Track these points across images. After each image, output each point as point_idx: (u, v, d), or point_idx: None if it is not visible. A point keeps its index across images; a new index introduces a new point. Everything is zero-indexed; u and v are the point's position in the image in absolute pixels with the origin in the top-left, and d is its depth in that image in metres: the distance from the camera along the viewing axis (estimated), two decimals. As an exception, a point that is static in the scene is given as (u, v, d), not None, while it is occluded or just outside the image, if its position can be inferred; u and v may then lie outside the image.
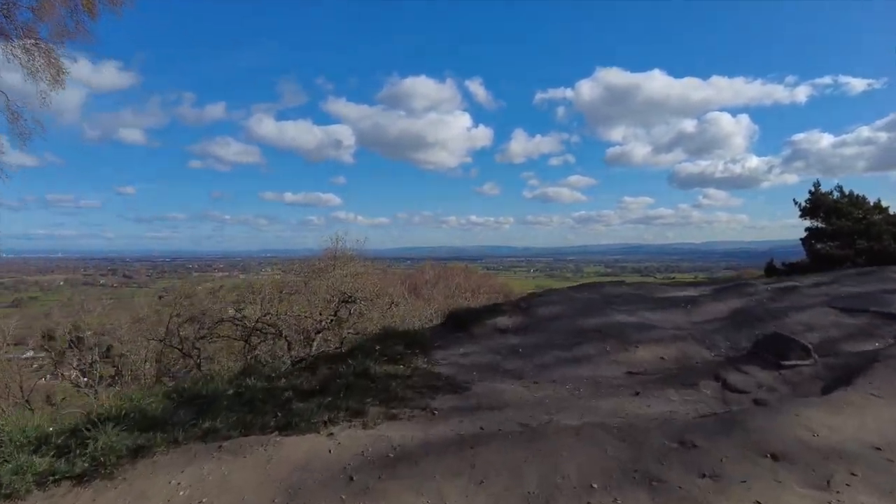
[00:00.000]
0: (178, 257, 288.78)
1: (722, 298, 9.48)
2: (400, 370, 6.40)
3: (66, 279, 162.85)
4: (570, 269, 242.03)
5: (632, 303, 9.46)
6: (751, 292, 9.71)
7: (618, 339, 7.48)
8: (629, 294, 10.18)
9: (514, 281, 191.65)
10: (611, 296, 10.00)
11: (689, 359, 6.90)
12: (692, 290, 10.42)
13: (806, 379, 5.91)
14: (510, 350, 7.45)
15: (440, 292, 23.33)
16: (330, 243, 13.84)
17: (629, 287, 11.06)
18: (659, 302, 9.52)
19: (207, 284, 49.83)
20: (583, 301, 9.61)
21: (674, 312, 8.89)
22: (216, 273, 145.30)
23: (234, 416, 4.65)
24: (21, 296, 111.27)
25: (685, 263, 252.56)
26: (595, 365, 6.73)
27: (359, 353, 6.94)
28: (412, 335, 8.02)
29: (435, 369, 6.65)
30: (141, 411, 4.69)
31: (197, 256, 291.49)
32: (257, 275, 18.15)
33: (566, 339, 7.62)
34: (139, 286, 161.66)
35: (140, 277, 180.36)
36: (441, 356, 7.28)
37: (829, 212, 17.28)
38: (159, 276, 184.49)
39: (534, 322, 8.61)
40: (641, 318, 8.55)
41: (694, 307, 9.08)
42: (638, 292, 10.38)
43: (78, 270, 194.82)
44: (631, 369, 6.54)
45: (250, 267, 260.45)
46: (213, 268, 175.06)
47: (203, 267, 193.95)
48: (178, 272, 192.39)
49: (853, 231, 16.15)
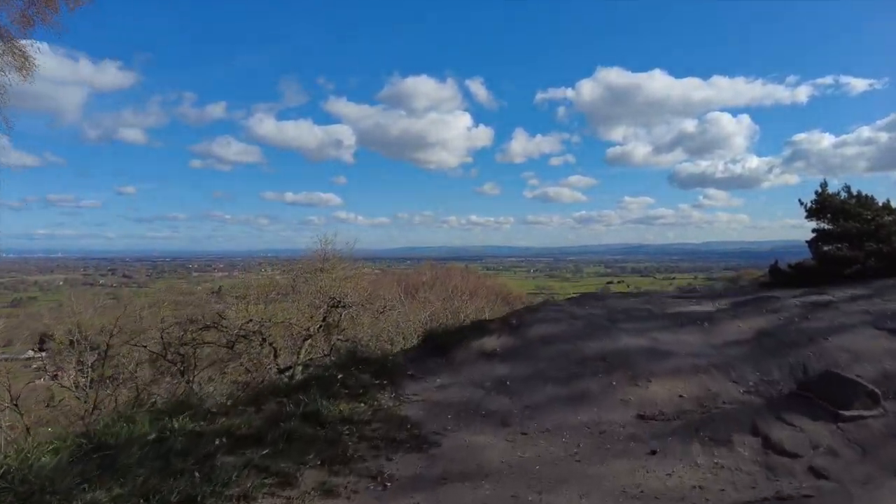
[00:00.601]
0: (179, 257, 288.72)
1: (743, 315, 8.24)
2: (359, 411, 5.34)
3: (65, 279, 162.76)
4: (570, 269, 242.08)
5: (640, 320, 8.24)
6: (776, 308, 8.42)
7: (625, 369, 6.27)
8: (636, 309, 8.93)
9: (514, 281, 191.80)
10: (615, 311, 8.75)
11: (715, 397, 5.69)
12: (708, 304, 9.16)
13: (877, 437, 4.59)
14: (496, 383, 6.26)
15: (437, 294, 22.72)
16: (320, 245, 13.21)
17: (636, 300, 9.79)
18: (671, 319, 8.28)
19: (207, 285, 49.38)
20: (583, 318, 8.33)
21: (689, 332, 7.68)
22: (216, 273, 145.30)
23: (135, 480, 3.72)
24: (20, 296, 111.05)
25: (685, 263, 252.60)
26: (598, 406, 5.51)
27: (315, 385, 5.83)
28: (382, 362, 6.91)
29: (401, 410, 5.56)
30: (27, 469, 3.68)
31: (197, 256, 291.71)
32: (257, 275, 17.62)
33: (563, 370, 6.43)
34: (139, 286, 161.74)
35: (140, 277, 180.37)
36: (413, 390, 6.19)
37: (836, 213, 16.71)
38: (159, 276, 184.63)
39: (525, 345, 7.40)
40: (652, 340, 7.33)
41: (712, 326, 7.86)
42: (646, 306, 9.10)
43: (78, 270, 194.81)
44: (643, 411, 5.40)
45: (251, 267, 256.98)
46: (214, 268, 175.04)
47: (203, 267, 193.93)
48: (179, 272, 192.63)
49: (862, 233, 15.60)
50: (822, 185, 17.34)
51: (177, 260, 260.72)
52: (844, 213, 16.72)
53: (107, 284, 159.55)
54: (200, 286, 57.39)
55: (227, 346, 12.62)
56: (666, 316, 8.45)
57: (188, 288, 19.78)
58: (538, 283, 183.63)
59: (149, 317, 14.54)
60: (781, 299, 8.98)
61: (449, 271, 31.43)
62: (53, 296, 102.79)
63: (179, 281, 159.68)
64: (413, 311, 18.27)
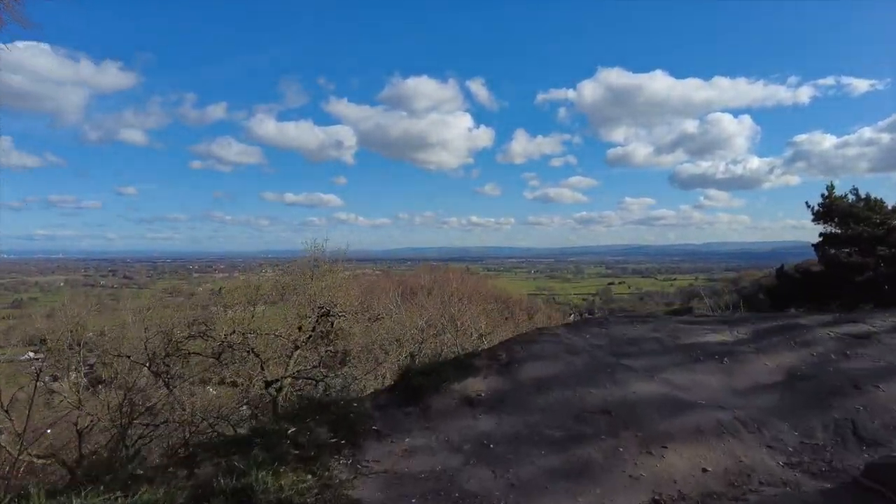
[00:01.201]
0: (179, 258, 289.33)
1: (768, 349, 7.14)
2: (302, 488, 4.14)
3: (66, 280, 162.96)
4: (571, 270, 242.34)
5: (649, 354, 7.14)
6: (806, 340, 7.32)
7: (635, 428, 5.18)
8: (644, 339, 7.76)
9: (514, 282, 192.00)
10: (620, 342, 7.63)
11: (748, 473, 4.50)
12: (724, 331, 8.01)
13: None
14: (477, 445, 5.10)
15: (435, 299, 22.24)
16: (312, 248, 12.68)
17: (643, 326, 8.44)
18: (684, 353, 7.16)
19: (207, 286, 48.78)
20: (583, 352, 7.14)
21: (707, 371, 6.64)
22: (217, 274, 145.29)
23: None
24: (21, 296, 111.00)
25: (686, 264, 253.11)
26: (602, 485, 4.36)
27: (260, 444, 4.80)
28: (344, 411, 5.77)
29: (353, 490, 4.32)
30: None
31: (198, 257, 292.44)
32: (258, 275, 17.10)
33: (560, 426, 5.32)
34: (139, 287, 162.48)
35: (140, 278, 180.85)
36: (375, 454, 5.00)
37: (844, 216, 16.24)
38: (159, 277, 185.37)
39: (515, 389, 6.26)
40: (665, 384, 6.28)
41: (733, 362, 6.76)
42: (654, 335, 7.94)
43: (78, 271, 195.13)
44: (658, 494, 4.26)
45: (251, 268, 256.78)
46: (214, 268, 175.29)
47: (204, 268, 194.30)
48: (179, 273, 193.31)
49: (872, 237, 15.15)
50: (828, 187, 16.86)
51: (177, 261, 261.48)
52: (853, 217, 16.24)
53: (107, 285, 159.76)
54: (201, 287, 56.89)
55: (214, 356, 12.14)
56: (678, 349, 7.34)
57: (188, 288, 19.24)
58: (539, 284, 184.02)
59: (139, 323, 14.09)
60: (811, 328, 7.78)
61: (447, 275, 30.99)
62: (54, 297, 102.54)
63: (180, 282, 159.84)
64: (410, 316, 17.78)
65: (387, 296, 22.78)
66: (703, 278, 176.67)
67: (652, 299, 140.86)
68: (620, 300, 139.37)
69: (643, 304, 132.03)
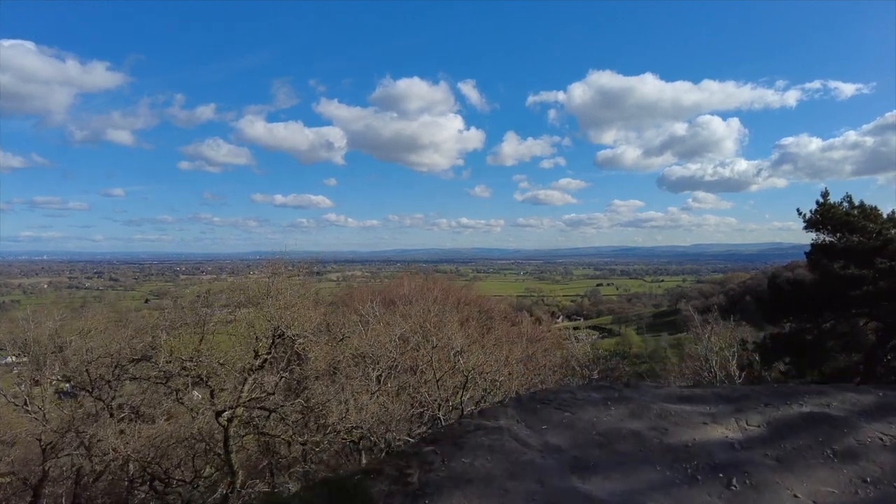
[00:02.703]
0: (167, 260, 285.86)
1: (794, 462, 5.10)
2: None
3: (50, 282, 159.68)
4: (560, 272, 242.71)
5: (625, 465, 5.08)
6: (851, 449, 5.22)
7: None
8: (621, 433, 5.62)
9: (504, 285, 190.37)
10: (588, 440, 5.50)
11: None
12: (729, 421, 5.93)
13: None
14: None
15: (416, 307, 21.16)
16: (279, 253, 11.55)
17: (618, 410, 6.09)
18: (675, 462, 5.16)
19: (194, 287, 47.46)
20: (530, 463, 5.06)
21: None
22: (204, 276, 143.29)
23: None
24: (3, 299, 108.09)
25: (674, 266, 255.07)
26: None
27: None
28: None
29: None
30: None
31: (185, 259, 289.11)
32: (246, 277, 15.90)
33: None
34: (125, 289, 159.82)
35: (127, 280, 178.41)
36: None
37: (838, 225, 15.50)
38: (146, 279, 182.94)
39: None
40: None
41: (744, 487, 4.72)
42: (635, 425, 5.81)
43: (63, 273, 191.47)
44: None
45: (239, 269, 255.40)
46: (202, 270, 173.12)
47: (192, 270, 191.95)
48: (166, 275, 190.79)
49: (868, 248, 14.40)
50: (823, 194, 16.08)
51: (165, 263, 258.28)
52: (848, 226, 15.46)
53: (92, 287, 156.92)
54: (188, 289, 55.61)
55: (162, 381, 11.01)
56: (665, 454, 5.28)
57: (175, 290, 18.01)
58: (528, 286, 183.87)
59: (82, 346, 12.89)
60: (851, 424, 5.69)
61: (430, 283, 29.95)
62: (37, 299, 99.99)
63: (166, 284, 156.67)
64: (386, 328, 16.68)
65: (364, 306, 21.71)
66: (691, 280, 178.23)
67: (640, 301, 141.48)
68: (609, 301, 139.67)
69: (631, 305, 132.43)
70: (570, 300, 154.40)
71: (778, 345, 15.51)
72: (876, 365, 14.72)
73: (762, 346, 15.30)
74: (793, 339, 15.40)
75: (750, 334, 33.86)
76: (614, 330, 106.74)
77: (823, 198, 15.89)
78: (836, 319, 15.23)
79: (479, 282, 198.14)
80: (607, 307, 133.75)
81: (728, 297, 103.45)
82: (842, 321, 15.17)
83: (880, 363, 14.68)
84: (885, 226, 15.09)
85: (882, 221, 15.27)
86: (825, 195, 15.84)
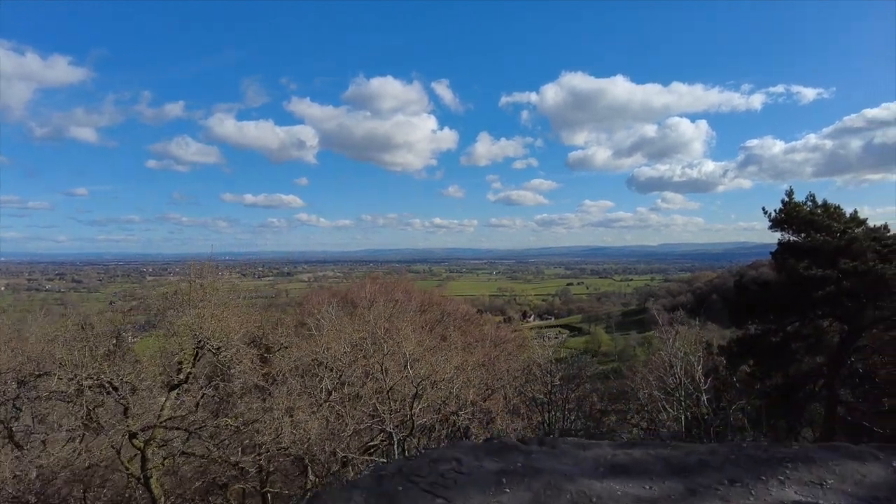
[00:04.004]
0: (133, 261, 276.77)
1: None
2: None
3: (7, 284, 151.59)
4: (531, 271, 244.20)
5: None
6: None
7: None
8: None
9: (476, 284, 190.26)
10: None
11: None
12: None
13: None
14: None
15: (371, 312, 20.05)
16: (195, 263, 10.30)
17: (521, 491, 3.90)
18: None
19: (161, 289, 45.10)
20: None
21: None
22: (171, 277, 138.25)
23: None
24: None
25: (642, 265, 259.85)
26: None
27: None
28: None
29: None
30: None
31: (152, 260, 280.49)
32: (214, 280, 14.35)
33: None
34: (89, 291, 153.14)
35: (90, 282, 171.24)
36: None
37: (803, 224, 15.20)
38: (111, 281, 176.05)
39: None
40: None
41: None
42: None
43: (22, 275, 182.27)
44: None
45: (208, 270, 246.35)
46: (169, 271, 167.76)
47: (158, 270, 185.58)
48: (132, 276, 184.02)
49: (832, 248, 14.09)
50: (788, 193, 15.75)
51: (131, 264, 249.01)
52: (812, 225, 15.15)
53: (54, 289, 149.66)
54: (155, 290, 53.32)
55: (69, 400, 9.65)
56: None
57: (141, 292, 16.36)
58: (500, 285, 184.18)
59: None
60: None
61: (393, 284, 28.85)
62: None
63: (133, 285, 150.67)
64: (337, 336, 15.48)
65: (319, 310, 20.46)
66: (659, 279, 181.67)
67: (609, 300, 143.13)
68: (579, 301, 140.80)
69: (601, 304, 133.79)
70: (542, 299, 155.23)
71: (743, 348, 15.10)
72: (840, 367, 14.43)
73: (727, 350, 14.85)
74: (757, 341, 15.02)
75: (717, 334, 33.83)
76: (584, 329, 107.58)
77: (788, 197, 15.59)
78: (801, 321, 14.90)
79: (452, 282, 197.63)
80: (577, 306, 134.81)
81: (695, 295, 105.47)
82: (806, 323, 14.85)
83: (844, 365, 14.40)
84: (848, 225, 14.84)
85: (845, 221, 15.02)
86: (790, 195, 15.52)
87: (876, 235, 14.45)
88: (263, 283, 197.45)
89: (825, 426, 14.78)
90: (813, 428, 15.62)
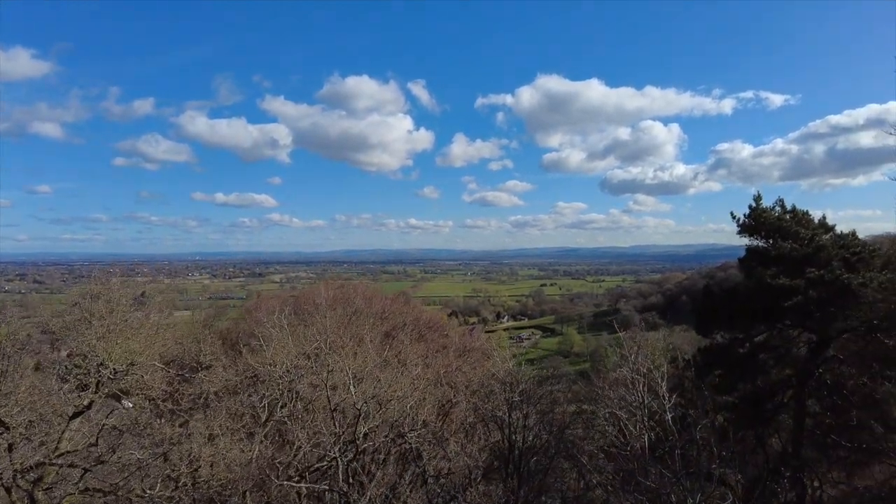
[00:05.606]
0: (99, 261, 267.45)
1: None
2: None
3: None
4: (505, 272, 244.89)
5: None
6: None
7: None
8: None
9: (451, 285, 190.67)
10: None
11: None
12: None
13: None
14: None
15: (329, 321, 18.85)
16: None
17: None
18: None
19: (128, 290, 42.87)
20: None
21: None
22: (139, 278, 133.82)
23: None
24: None
25: (614, 267, 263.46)
26: None
27: None
28: None
29: None
30: None
31: (120, 260, 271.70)
32: (184, 280, 12.85)
33: None
34: (52, 292, 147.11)
35: (53, 282, 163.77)
36: None
37: (771, 230, 14.72)
38: (75, 282, 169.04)
39: None
40: None
41: None
42: None
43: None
44: None
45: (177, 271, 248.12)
46: (137, 272, 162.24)
47: (126, 271, 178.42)
48: (97, 277, 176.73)
49: (800, 256, 13.62)
50: (755, 198, 15.25)
51: (96, 264, 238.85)
52: (780, 232, 14.69)
53: (13, 290, 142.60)
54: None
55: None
56: None
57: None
58: (475, 286, 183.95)
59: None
60: None
61: (353, 289, 27.66)
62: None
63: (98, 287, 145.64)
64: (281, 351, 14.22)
65: (270, 318, 19.10)
66: (631, 280, 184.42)
67: (582, 300, 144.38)
68: (552, 301, 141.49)
69: (573, 305, 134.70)
70: (516, 300, 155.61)
71: (709, 359, 14.54)
72: (808, 378, 13.99)
73: (694, 363, 14.24)
74: (724, 351, 14.49)
75: (686, 339, 33.40)
76: (557, 329, 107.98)
77: (756, 202, 15.10)
78: (769, 331, 14.42)
79: (427, 283, 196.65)
80: (551, 307, 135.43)
81: (665, 297, 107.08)
82: (774, 333, 14.37)
83: (812, 377, 13.97)
84: (816, 231, 14.42)
85: (813, 227, 14.61)
86: (757, 199, 15.04)
87: (844, 243, 14.06)
88: (234, 283, 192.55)
89: (793, 439, 14.33)
90: (782, 440, 15.18)
